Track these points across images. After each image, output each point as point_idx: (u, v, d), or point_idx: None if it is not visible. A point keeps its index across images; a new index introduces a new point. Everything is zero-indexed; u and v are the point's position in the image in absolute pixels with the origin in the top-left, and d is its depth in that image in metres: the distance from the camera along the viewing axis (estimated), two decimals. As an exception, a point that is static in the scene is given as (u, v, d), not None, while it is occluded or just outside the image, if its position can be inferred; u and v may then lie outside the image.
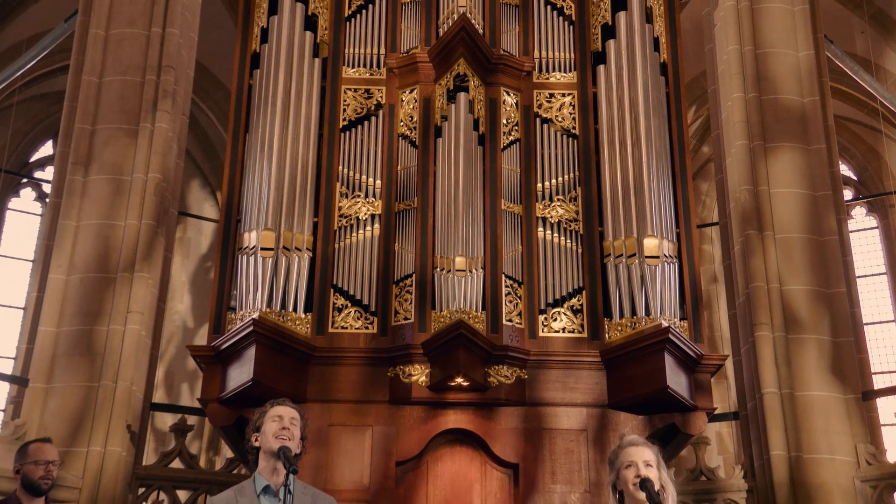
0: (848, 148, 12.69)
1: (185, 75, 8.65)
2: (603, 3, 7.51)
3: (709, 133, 13.63)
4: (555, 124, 7.42)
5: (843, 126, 12.17)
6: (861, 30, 11.08)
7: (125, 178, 7.84)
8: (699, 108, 13.31)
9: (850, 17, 11.12)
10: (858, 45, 11.32)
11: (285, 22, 7.26)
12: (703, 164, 14.17)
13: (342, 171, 7.23)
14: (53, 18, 11.40)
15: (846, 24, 11.21)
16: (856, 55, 11.25)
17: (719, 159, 8.53)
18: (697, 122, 13.70)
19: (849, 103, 11.90)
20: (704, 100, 12.82)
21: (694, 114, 13.44)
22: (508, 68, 7.37)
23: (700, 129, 13.96)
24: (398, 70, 7.39)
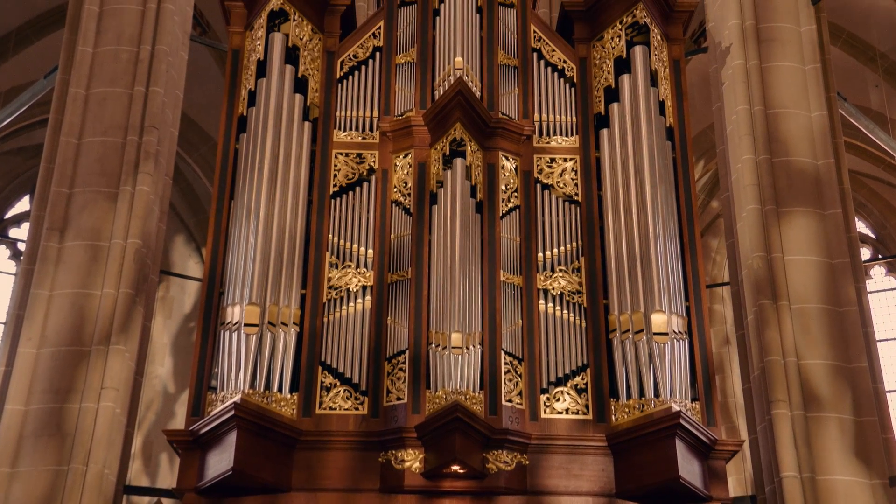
0: (864, 205, 12.71)
1: (169, 135, 8.64)
2: (605, 65, 7.55)
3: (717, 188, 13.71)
4: (556, 190, 7.40)
5: (859, 182, 12.22)
6: (875, 83, 11.17)
7: (103, 244, 7.76)
8: (707, 162, 13.37)
9: (864, 70, 11.24)
10: (873, 99, 11.42)
11: (274, 84, 7.28)
12: (712, 219, 14.18)
13: (332, 239, 7.18)
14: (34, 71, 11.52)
15: (859, 78, 11.33)
16: (870, 110, 11.35)
17: (730, 222, 8.49)
18: (706, 176, 13.75)
19: (865, 159, 11.96)
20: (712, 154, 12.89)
21: (702, 168, 13.50)
22: (507, 132, 7.38)
23: (709, 183, 14.00)
24: (392, 134, 7.40)
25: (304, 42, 7.54)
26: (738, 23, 8.60)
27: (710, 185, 14.04)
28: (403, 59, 7.66)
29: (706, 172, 13.65)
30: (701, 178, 13.61)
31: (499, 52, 7.66)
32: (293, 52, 7.47)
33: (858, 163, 11.97)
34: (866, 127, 9.46)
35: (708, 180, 13.95)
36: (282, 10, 7.47)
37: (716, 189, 14.14)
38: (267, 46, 7.36)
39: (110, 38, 8.35)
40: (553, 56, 7.71)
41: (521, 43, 7.71)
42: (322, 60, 7.59)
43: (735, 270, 8.31)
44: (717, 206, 14.44)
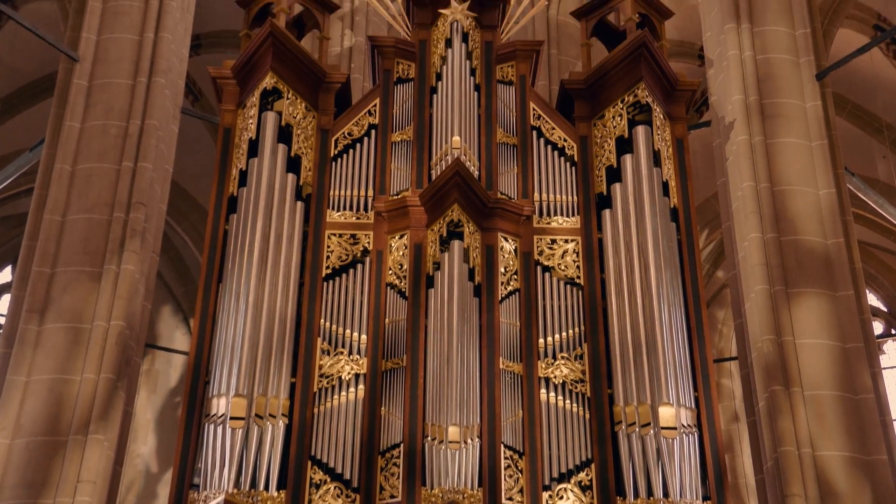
0: (875, 277, 12.65)
1: (157, 210, 8.60)
2: (607, 144, 7.55)
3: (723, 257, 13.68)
4: (557, 273, 7.33)
5: (868, 254, 12.19)
6: (882, 154, 11.23)
7: (84, 326, 7.63)
8: (711, 231, 13.35)
9: (870, 141, 11.30)
10: (880, 170, 11.46)
11: (266, 164, 7.27)
12: (718, 289, 14.11)
13: (324, 324, 7.07)
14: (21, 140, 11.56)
15: (866, 149, 11.40)
16: (877, 181, 11.39)
17: (737, 301, 8.39)
18: (710, 245, 13.73)
19: (874, 230, 11.94)
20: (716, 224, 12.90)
21: (706, 237, 13.48)
22: (506, 212, 7.34)
23: (713, 252, 13.97)
24: (387, 214, 7.35)
25: (298, 120, 7.55)
26: (741, 98, 8.65)
27: (714, 255, 14.01)
28: (399, 137, 7.67)
29: (710, 242, 13.63)
30: (705, 247, 13.59)
31: (497, 130, 7.67)
32: (286, 130, 7.48)
33: (868, 234, 11.96)
34: (875, 202, 9.45)
35: (713, 250, 13.93)
36: (275, 89, 7.50)
37: (721, 259, 14.12)
38: (259, 125, 7.37)
39: (99, 112, 8.37)
40: (553, 134, 7.73)
41: (520, 121, 7.73)
42: (316, 138, 7.59)
43: (744, 352, 8.18)
44: (723, 277, 14.41)
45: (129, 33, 8.58)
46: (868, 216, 11.60)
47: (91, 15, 8.54)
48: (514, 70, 7.91)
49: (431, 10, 7.94)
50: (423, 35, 7.90)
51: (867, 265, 11.76)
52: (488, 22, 7.97)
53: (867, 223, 11.86)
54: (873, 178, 11.52)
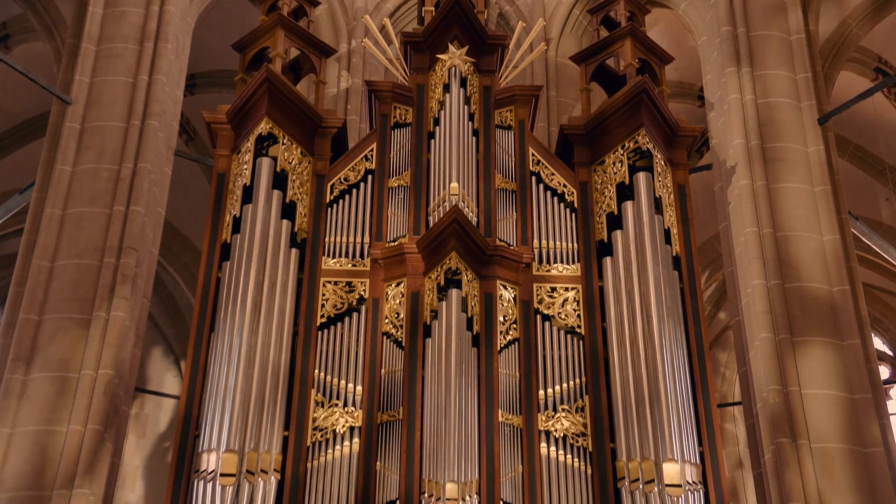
0: (880, 321, 12.60)
1: (149, 254, 8.54)
2: (607, 190, 7.53)
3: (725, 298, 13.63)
4: (557, 322, 7.25)
5: (873, 297, 12.14)
6: (886, 197, 11.23)
7: (72, 375, 7.53)
8: (713, 272, 13.31)
9: (873, 183, 11.31)
10: (884, 213, 11.46)
11: (260, 210, 7.22)
12: (720, 331, 14.03)
13: (318, 375, 6.97)
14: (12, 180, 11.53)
15: (869, 191, 11.41)
16: (881, 224, 11.38)
17: (741, 350, 8.32)
18: (711, 287, 13.68)
19: (878, 272, 11.91)
20: (718, 265, 12.87)
21: (707, 278, 13.44)
22: (505, 260, 7.29)
23: (715, 293, 13.92)
24: (384, 261, 7.30)
25: (293, 166, 7.53)
26: (742, 142, 8.67)
27: (716, 296, 13.95)
28: (397, 182, 7.64)
29: (712, 283, 13.59)
30: (706, 288, 13.54)
31: (496, 175, 7.65)
32: (281, 176, 7.45)
33: (872, 276, 11.93)
34: (880, 246, 9.43)
35: (714, 291, 13.88)
36: (270, 134, 7.49)
37: (723, 300, 14.06)
38: (254, 171, 7.34)
39: (91, 155, 8.35)
40: (552, 180, 7.71)
41: (520, 166, 7.71)
42: (311, 184, 7.56)
43: (749, 401, 8.09)
44: (725, 318, 14.33)
45: (123, 76, 8.60)
46: (872, 259, 11.57)
47: (85, 58, 8.56)
48: (513, 115, 7.92)
49: (429, 54, 7.97)
50: (420, 79, 7.91)
51: (871, 308, 11.71)
52: (486, 66, 7.99)
53: (871, 265, 11.83)
54: (877, 220, 11.52)
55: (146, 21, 8.76)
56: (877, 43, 10.36)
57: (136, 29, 8.72)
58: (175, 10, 8.94)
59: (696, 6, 9.91)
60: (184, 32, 9.37)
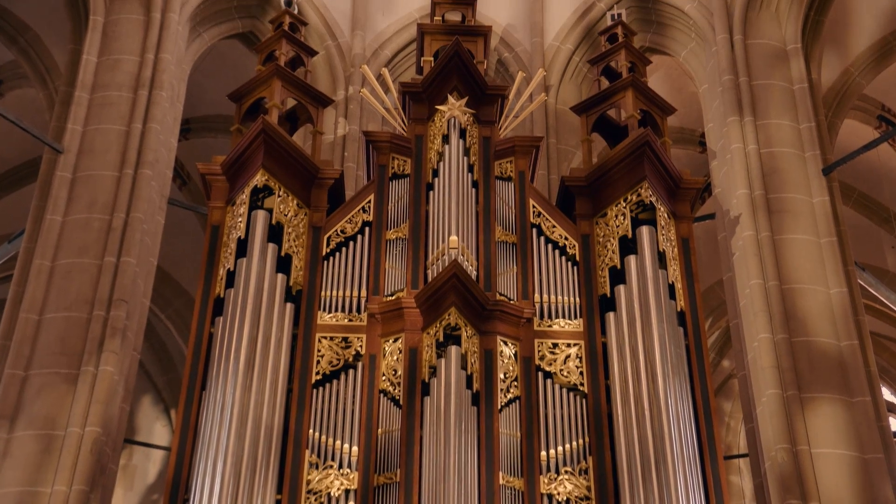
0: (888, 370, 12.50)
1: (140, 306, 8.45)
2: (610, 243, 7.47)
3: (729, 345, 13.55)
4: (559, 379, 7.15)
5: (880, 346, 12.07)
6: (892, 244, 11.22)
7: (57, 433, 7.40)
8: (716, 319, 13.24)
9: (878, 231, 11.30)
10: (889, 261, 11.44)
11: (255, 264, 7.15)
12: (724, 379, 13.92)
13: (313, 435, 6.84)
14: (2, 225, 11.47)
15: (874, 239, 11.40)
16: (886, 272, 11.35)
17: (747, 405, 8.22)
18: (715, 334, 13.60)
19: (884, 321, 11.85)
20: (721, 312, 12.81)
21: (711, 325, 13.36)
22: (506, 315, 7.21)
23: (719, 340, 13.83)
24: (381, 316, 7.21)
25: (289, 218, 7.48)
26: (746, 192, 8.66)
27: (720, 343, 13.87)
28: (395, 234, 7.59)
29: (715, 330, 13.51)
30: (710, 335, 13.46)
31: (496, 227, 7.60)
32: (277, 229, 7.39)
33: (878, 325, 11.85)
34: (888, 298, 9.38)
35: (718, 338, 13.79)
36: (266, 186, 7.45)
37: (727, 347, 13.97)
38: (249, 224, 7.29)
39: (82, 205, 8.31)
40: (553, 232, 7.66)
41: (520, 218, 7.67)
42: (307, 236, 7.50)
43: (756, 458, 7.97)
44: (729, 366, 14.23)
45: (117, 124, 8.59)
46: (878, 307, 11.51)
47: (77, 106, 8.55)
48: (513, 166, 7.90)
49: (428, 105, 7.97)
50: (419, 130, 7.90)
51: (879, 358, 11.63)
52: (486, 117, 7.99)
53: (877, 314, 11.77)
54: (882, 268, 11.49)
55: (141, 69, 8.79)
56: (879, 91, 10.43)
57: (130, 77, 8.74)
58: (170, 57, 8.97)
59: (696, 54, 9.97)
60: (179, 79, 9.40)
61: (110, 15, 8.88)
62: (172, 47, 9.02)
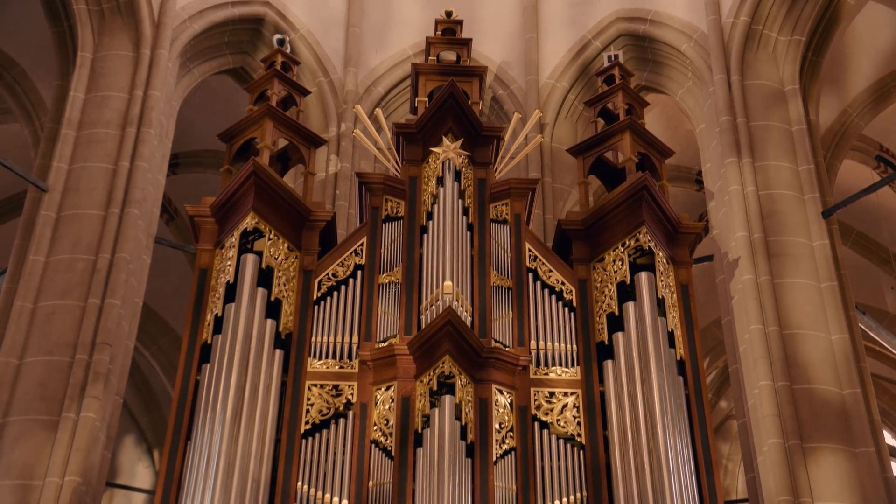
0: (889, 413, 12.43)
1: (124, 349, 8.32)
2: (608, 289, 7.41)
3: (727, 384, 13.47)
4: (556, 429, 7.05)
5: (881, 388, 12.01)
6: (891, 286, 11.21)
7: (35, 483, 7.24)
8: (714, 359, 13.18)
9: (877, 272, 11.30)
10: (889, 302, 11.42)
11: (244, 310, 7.04)
12: (721, 421, 13.83)
13: (301, 488, 6.71)
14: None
15: (873, 279, 11.39)
16: (886, 313, 11.32)
17: (748, 454, 8.13)
18: (712, 374, 13.53)
19: (884, 363, 11.80)
20: (719, 351, 12.75)
21: (708, 365, 13.29)
22: (501, 362, 7.12)
23: (716, 381, 13.76)
24: (373, 363, 7.11)
25: (279, 262, 7.39)
26: (745, 235, 8.63)
27: (717, 383, 13.79)
28: (387, 278, 7.51)
29: (713, 370, 13.44)
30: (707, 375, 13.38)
31: (491, 272, 7.54)
32: (266, 273, 7.31)
33: (878, 367, 11.81)
34: (889, 342, 9.34)
35: (715, 378, 13.72)
36: (256, 229, 7.37)
37: (724, 387, 13.89)
38: (238, 269, 7.20)
39: (66, 245, 8.20)
40: (550, 277, 7.60)
41: (516, 262, 7.61)
42: (298, 280, 7.42)
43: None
44: (726, 407, 14.14)
45: (103, 162, 8.52)
46: (878, 349, 11.47)
47: (63, 143, 8.48)
48: (509, 208, 7.85)
49: (422, 146, 7.94)
50: (413, 172, 7.86)
51: (880, 401, 11.54)
52: (481, 159, 7.96)
53: (877, 356, 11.72)
54: (881, 309, 11.47)
55: (129, 106, 8.74)
56: (878, 131, 10.48)
57: (118, 114, 8.69)
58: (160, 94, 8.93)
59: (693, 94, 10.00)
60: (168, 116, 9.35)
61: (99, 51, 8.84)
62: (162, 84, 8.98)
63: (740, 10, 9.48)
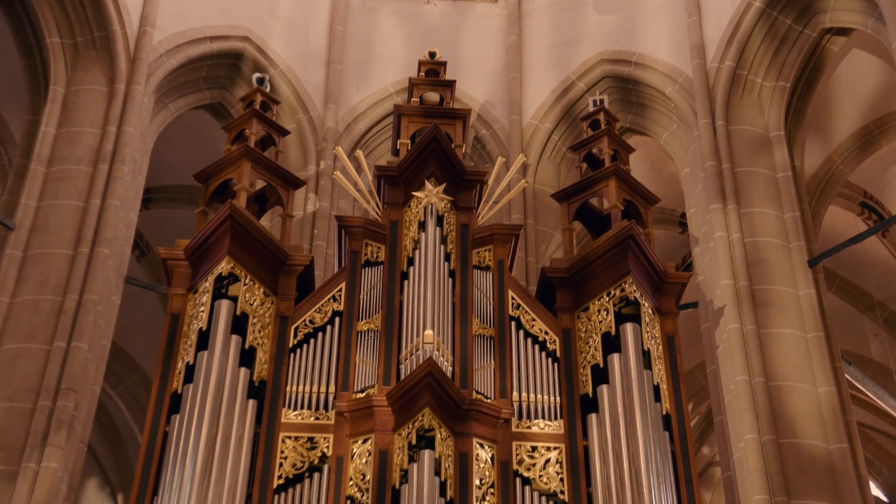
0: (873, 463, 12.43)
1: (90, 394, 8.13)
2: (592, 339, 7.35)
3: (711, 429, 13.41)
4: (538, 485, 6.93)
5: (865, 437, 12.01)
6: (875, 333, 11.25)
7: (-10, 541, 7.01)
8: (697, 404, 13.13)
9: (862, 318, 11.34)
10: (873, 349, 11.45)
11: (216, 359, 6.89)
12: (704, 467, 13.76)
13: (273, 546, 6.53)
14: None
15: (857, 326, 11.43)
16: (871, 361, 11.36)
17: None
18: (695, 419, 13.47)
19: (870, 412, 11.82)
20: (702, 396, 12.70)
21: (691, 410, 13.25)
22: (482, 415, 7.01)
23: (699, 426, 13.71)
24: (350, 415, 6.98)
25: (255, 307, 7.26)
26: (730, 283, 8.63)
27: (700, 428, 13.73)
28: (366, 325, 7.40)
29: (696, 416, 13.38)
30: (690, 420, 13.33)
31: (473, 320, 7.45)
32: (241, 319, 7.17)
33: (862, 415, 11.80)
34: (874, 392, 9.36)
35: (698, 423, 13.66)
36: (231, 273, 7.24)
37: (708, 431, 13.83)
38: (212, 315, 7.06)
39: (32, 286, 8.03)
40: (533, 326, 7.53)
41: (498, 310, 7.53)
42: (274, 327, 7.28)
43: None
44: (709, 454, 14.08)
45: (74, 200, 8.38)
46: (863, 398, 11.49)
47: (32, 180, 8.34)
48: (492, 254, 7.79)
49: (404, 189, 7.87)
50: (394, 216, 7.78)
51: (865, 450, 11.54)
52: (464, 203, 7.91)
53: (862, 404, 11.74)
54: (866, 357, 11.51)
55: (102, 142, 8.62)
56: (862, 177, 10.58)
57: (90, 150, 8.57)
58: (134, 130, 8.82)
59: (678, 137, 10.05)
60: (142, 152, 9.24)
61: (72, 85, 8.74)
62: (136, 119, 8.88)
63: (725, 54, 9.57)
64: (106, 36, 8.90)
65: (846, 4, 8.96)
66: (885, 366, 11.17)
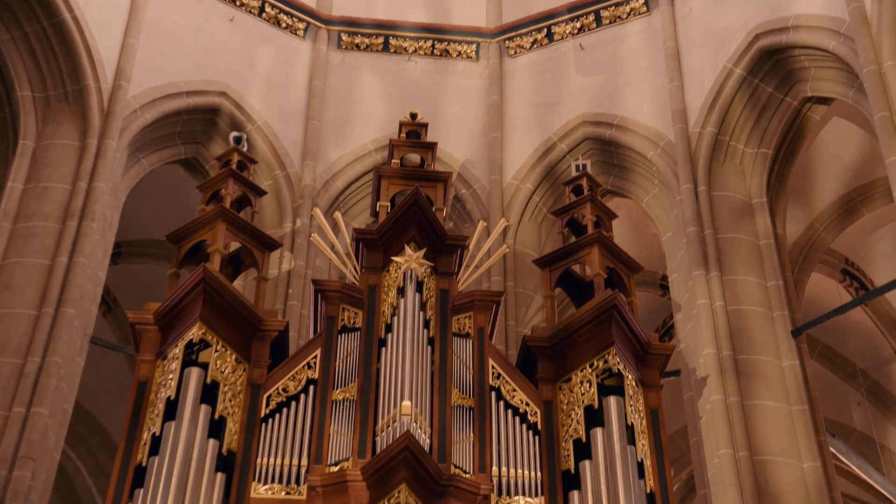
0: (859, 537, 12.35)
1: (49, 461, 7.89)
2: (574, 412, 7.26)
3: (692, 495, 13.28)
4: (521, 570, 6.78)
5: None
6: (857, 401, 11.27)
7: None
8: (678, 470, 13.02)
9: (843, 386, 11.37)
10: (856, 418, 11.46)
11: (184, 429, 6.71)
12: (686, 534, 13.59)
13: None
14: None
15: (839, 394, 11.44)
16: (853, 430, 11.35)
17: (719, 586, 7.94)
18: (677, 485, 13.35)
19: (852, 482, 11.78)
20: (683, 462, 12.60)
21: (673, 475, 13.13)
22: (461, 491, 6.86)
23: (680, 491, 13.58)
24: (322, 489, 6.80)
25: (226, 375, 7.11)
26: (714, 352, 8.61)
27: (681, 495, 13.60)
28: (342, 395, 7.27)
29: (676, 482, 13.26)
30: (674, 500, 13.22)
31: (452, 390, 7.34)
32: (211, 387, 7.01)
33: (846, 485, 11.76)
34: (858, 466, 9.32)
35: (679, 489, 13.54)
36: (202, 340, 7.10)
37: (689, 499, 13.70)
38: (181, 383, 6.90)
39: (-8, 349, 7.82)
40: (514, 397, 7.43)
41: (478, 380, 7.43)
42: (245, 395, 7.12)
43: None
44: (691, 520, 13.91)
45: (40, 258, 8.22)
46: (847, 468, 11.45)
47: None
48: (472, 321, 7.71)
49: (383, 253, 7.81)
50: (372, 280, 7.70)
51: (848, 522, 11.49)
52: (445, 268, 7.85)
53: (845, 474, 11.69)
54: (848, 425, 11.51)
55: (72, 197, 8.50)
56: (843, 244, 10.69)
57: (59, 206, 8.44)
58: (105, 186, 8.71)
59: (660, 201, 10.11)
60: (112, 208, 9.11)
61: (42, 140, 8.64)
62: (108, 175, 8.78)
63: (707, 120, 9.69)
64: (79, 90, 8.84)
65: (827, 74, 9.14)
66: (868, 435, 11.17)
